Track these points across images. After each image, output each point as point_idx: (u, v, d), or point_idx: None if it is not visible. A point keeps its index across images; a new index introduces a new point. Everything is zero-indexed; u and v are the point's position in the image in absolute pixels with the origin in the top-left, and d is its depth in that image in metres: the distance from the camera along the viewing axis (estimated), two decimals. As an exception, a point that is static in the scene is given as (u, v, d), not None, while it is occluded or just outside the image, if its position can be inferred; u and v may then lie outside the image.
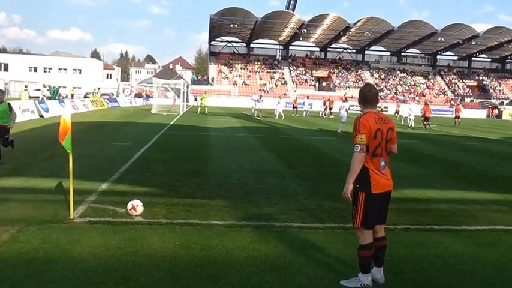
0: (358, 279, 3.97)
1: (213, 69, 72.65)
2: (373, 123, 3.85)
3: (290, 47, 77.92)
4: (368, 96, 3.98)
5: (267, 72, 72.96)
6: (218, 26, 66.57)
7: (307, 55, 79.73)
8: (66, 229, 5.22)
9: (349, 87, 71.10)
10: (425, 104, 30.66)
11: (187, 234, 5.20)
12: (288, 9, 71.91)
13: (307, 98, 44.34)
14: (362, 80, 73.97)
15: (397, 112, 38.90)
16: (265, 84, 69.11)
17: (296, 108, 40.26)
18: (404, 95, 70.46)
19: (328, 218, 6.24)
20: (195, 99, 45.58)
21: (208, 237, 5.13)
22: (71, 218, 5.61)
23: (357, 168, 3.81)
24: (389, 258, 4.75)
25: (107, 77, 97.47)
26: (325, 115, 39.64)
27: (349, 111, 25.24)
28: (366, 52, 79.38)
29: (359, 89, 4.19)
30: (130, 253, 4.55)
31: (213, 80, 69.70)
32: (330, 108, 40.28)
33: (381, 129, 3.87)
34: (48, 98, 35.93)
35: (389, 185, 3.98)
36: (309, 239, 5.27)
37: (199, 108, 36.44)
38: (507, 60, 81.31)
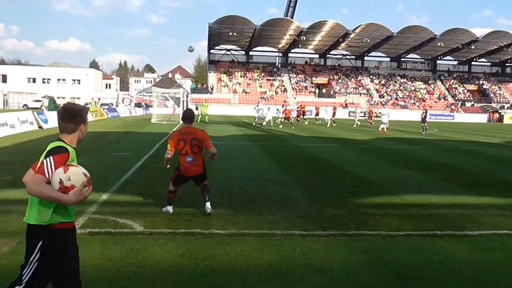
0: (166, 209, 6.49)
1: (212, 77, 72.88)
2: (177, 136, 6.33)
3: (289, 54, 78.19)
4: (184, 116, 6.67)
5: (267, 79, 73.15)
6: (217, 34, 66.87)
7: (306, 62, 79.96)
8: (67, 240, 5.18)
9: (349, 94, 71.28)
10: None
11: (188, 244, 5.18)
12: (286, 16, 72.21)
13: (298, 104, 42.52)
14: (362, 86, 74.18)
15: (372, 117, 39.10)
16: (265, 91, 69.26)
17: (304, 114, 38.87)
18: (404, 101, 70.63)
19: (330, 225, 6.21)
20: (196, 108, 45.65)
21: (210, 247, 5.11)
22: (72, 229, 5.57)
23: (167, 156, 6.32)
24: (392, 264, 4.73)
25: (106, 87, 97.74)
26: (317, 120, 39.66)
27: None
28: (366, 58, 79.61)
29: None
30: (131, 264, 4.53)
31: (212, 89, 69.88)
32: (334, 115, 40.31)
33: (184, 139, 6.26)
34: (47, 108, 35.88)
35: (196, 171, 6.42)
36: (311, 246, 5.25)
37: (200, 116, 36.47)
38: (507, 64, 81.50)
